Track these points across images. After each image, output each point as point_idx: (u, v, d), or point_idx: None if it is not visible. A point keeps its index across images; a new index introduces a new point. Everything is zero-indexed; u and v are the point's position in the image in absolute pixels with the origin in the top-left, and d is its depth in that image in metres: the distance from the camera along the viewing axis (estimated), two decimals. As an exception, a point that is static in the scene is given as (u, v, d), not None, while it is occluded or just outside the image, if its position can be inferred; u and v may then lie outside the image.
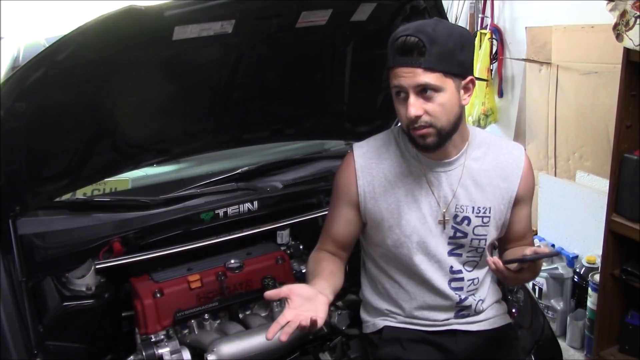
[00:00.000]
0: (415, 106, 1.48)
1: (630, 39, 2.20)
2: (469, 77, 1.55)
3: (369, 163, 1.66)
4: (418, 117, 1.49)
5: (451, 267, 1.68)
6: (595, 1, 2.54)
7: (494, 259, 1.49)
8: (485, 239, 1.67)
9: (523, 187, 1.68)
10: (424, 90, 1.48)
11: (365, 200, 1.66)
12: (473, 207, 1.64)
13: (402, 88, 1.50)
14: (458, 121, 1.56)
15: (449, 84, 1.50)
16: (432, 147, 1.55)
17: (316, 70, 2.04)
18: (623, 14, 2.19)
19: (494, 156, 1.67)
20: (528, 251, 1.49)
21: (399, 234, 1.64)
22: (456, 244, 1.67)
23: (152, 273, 1.93)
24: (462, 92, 1.54)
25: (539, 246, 1.87)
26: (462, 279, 1.69)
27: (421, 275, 1.67)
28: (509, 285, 1.80)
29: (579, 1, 2.99)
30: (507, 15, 3.56)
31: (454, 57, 1.49)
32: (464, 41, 1.53)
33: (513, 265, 1.50)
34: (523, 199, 1.70)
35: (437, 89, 1.48)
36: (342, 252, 1.73)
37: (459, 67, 1.51)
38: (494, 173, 1.66)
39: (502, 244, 1.79)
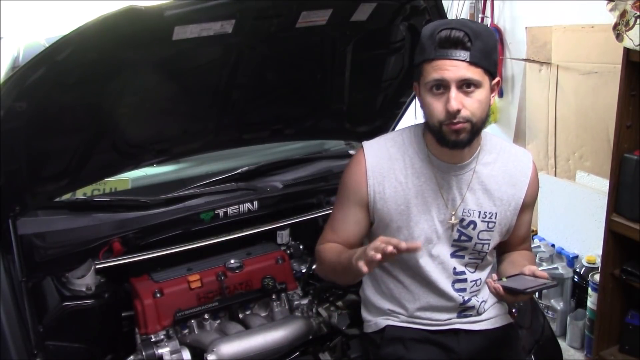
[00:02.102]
0: (456, 100, 1.47)
1: (630, 39, 2.19)
2: (497, 79, 1.56)
3: (380, 163, 1.64)
4: (458, 112, 1.48)
5: (454, 268, 1.68)
6: (595, 1, 2.54)
7: (495, 285, 1.48)
8: (489, 244, 1.67)
9: (529, 195, 1.69)
10: (464, 85, 1.47)
11: (375, 200, 1.64)
12: (480, 212, 1.64)
13: (443, 81, 1.47)
14: (487, 120, 1.57)
15: (486, 81, 1.50)
16: (464, 143, 1.53)
17: (316, 70, 2.04)
18: (623, 14, 2.19)
19: (503, 162, 1.67)
20: (527, 270, 1.49)
21: (407, 236, 1.63)
22: (459, 247, 1.67)
23: (152, 273, 1.93)
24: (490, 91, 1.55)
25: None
26: (465, 280, 1.69)
27: (426, 276, 1.67)
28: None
29: (579, 1, 2.99)
30: (507, 15, 3.56)
31: (492, 55, 1.50)
32: (496, 42, 1.55)
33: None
34: (527, 206, 1.70)
35: (477, 85, 1.48)
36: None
37: (494, 66, 1.53)
38: (502, 179, 1.66)
39: (501, 247, 1.79)
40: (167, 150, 1.99)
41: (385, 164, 1.64)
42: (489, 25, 3.56)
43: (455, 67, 1.46)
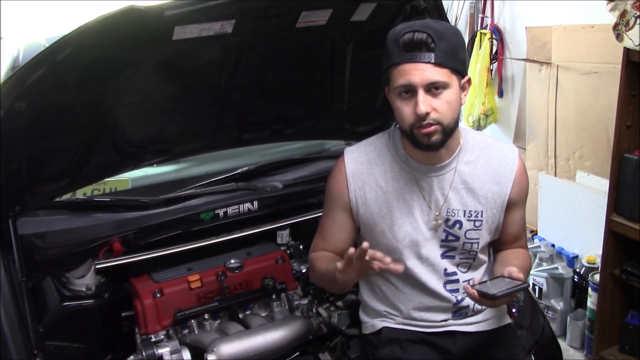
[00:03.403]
0: (424, 103, 1.46)
1: (630, 39, 2.19)
2: (467, 77, 1.56)
3: (359, 168, 1.65)
4: (427, 114, 1.48)
5: (445, 269, 1.67)
6: (595, 1, 2.54)
7: (471, 290, 1.48)
8: (478, 243, 1.67)
9: (516, 191, 1.67)
10: (432, 87, 1.47)
11: (357, 205, 1.65)
12: (465, 211, 1.64)
13: (410, 86, 1.47)
14: (459, 120, 1.56)
15: (454, 80, 1.50)
16: (437, 145, 1.53)
17: (316, 70, 2.04)
18: (623, 14, 2.19)
19: (486, 159, 1.66)
20: (506, 272, 1.50)
21: (391, 239, 1.64)
22: (448, 247, 1.66)
23: (152, 273, 1.93)
24: (460, 90, 1.54)
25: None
26: (457, 281, 1.69)
27: (416, 278, 1.66)
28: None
29: (579, 1, 2.99)
30: (507, 15, 3.56)
31: (458, 54, 1.50)
32: (462, 40, 1.55)
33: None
34: (516, 203, 1.69)
35: (445, 86, 1.48)
36: (339, 256, 1.72)
37: (461, 65, 1.53)
38: (486, 177, 1.65)
39: (495, 245, 1.78)
40: (167, 150, 1.99)
41: (365, 169, 1.65)
42: (489, 25, 3.57)
43: (421, 70, 1.45)
